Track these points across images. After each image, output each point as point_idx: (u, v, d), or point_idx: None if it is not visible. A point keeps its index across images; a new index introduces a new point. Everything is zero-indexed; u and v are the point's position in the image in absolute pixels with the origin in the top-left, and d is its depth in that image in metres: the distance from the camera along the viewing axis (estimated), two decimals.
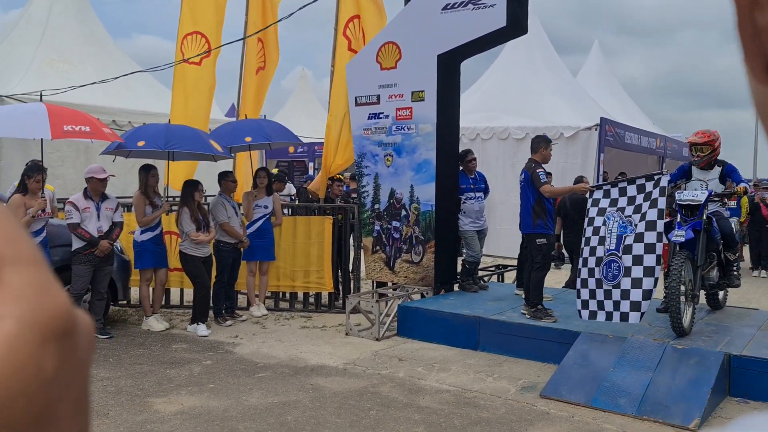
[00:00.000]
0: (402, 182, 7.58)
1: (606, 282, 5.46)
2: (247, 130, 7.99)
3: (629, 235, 5.43)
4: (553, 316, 6.15)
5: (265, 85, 9.80)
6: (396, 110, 7.54)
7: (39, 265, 0.30)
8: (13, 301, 0.28)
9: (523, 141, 12.95)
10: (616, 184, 5.85)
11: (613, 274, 5.43)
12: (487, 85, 14.90)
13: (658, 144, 15.66)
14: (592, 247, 5.66)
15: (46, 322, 0.28)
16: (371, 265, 7.89)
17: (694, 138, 6.22)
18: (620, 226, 5.51)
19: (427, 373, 5.56)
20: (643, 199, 5.47)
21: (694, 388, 4.68)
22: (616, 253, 5.46)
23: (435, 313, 6.65)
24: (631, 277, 5.33)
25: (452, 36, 7.10)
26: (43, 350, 0.28)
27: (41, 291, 0.29)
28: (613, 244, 5.50)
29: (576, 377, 5.06)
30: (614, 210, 5.60)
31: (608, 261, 5.49)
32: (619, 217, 5.54)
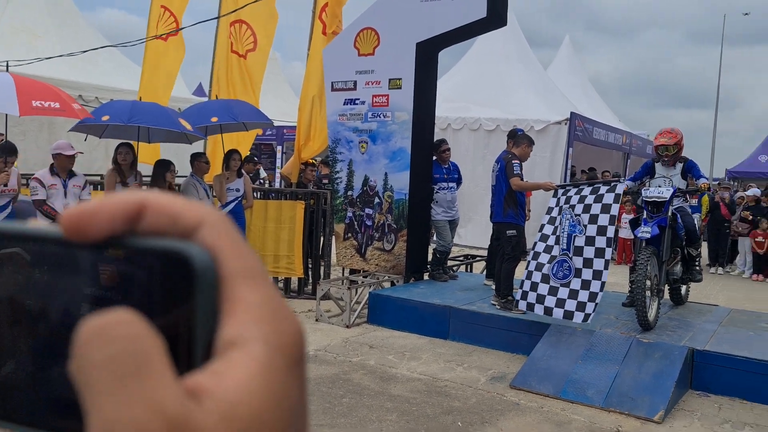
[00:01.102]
0: (376, 170, 7.56)
1: (554, 279, 5.61)
2: (214, 109, 7.85)
3: (579, 236, 5.57)
4: (522, 309, 6.22)
5: (258, 67, 9.65)
6: (372, 97, 7.50)
7: (268, 281, 0.28)
8: (254, 322, 0.26)
9: (494, 132, 13.05)
10: (578, 185, 5.99)
11: (563, 273, 5.58)
12: (459, 75, 14.93)
13: (624, 140, 15.94)
14: (548, 245, 5.81)
15: (290, 345, 0.27)
16: (342, 252, 7.87)
17: (663, 139, 6.33)
18: (570, 225, 5.65)
19: (398, 361, 5.59)
20: (593, 200, 5.60)
21: (659, 381, 4.80)
22: (568, 253, 5.61)
23: (406, 301, 6.67)
24: (581, 279, 5.49)
25: (432, 24, 7.08)
26: (291, 377, 0.26)
27: (278, 310, 0.27)
28: (564, 242, 5.65)
29: (545, 369, 5.13)
30: (567, 207, 5.74)
31: (560, 260, 5.64)
32: (569, 215, 5.68)
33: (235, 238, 0.28)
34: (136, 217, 0.28)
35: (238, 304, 0.26)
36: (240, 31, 9.37)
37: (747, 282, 11.23)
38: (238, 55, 9.40)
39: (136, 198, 0.28)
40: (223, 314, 0.27)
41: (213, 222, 0.28)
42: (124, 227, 0.28)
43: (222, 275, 0.27)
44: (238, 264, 0.27)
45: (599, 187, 5.75)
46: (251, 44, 9.48)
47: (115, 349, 0.24)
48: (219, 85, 9.14)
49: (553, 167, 12.45)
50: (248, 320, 0.26)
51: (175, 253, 0.27)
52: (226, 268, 0.27)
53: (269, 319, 0.27)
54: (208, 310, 0.27)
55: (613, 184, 5.73)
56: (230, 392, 0.24)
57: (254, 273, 0.28)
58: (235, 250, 0.27)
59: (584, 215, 5.60)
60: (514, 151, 6.54)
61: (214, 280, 0.27)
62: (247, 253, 0.28)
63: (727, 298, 9.21)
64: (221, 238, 0.27)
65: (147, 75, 8.85)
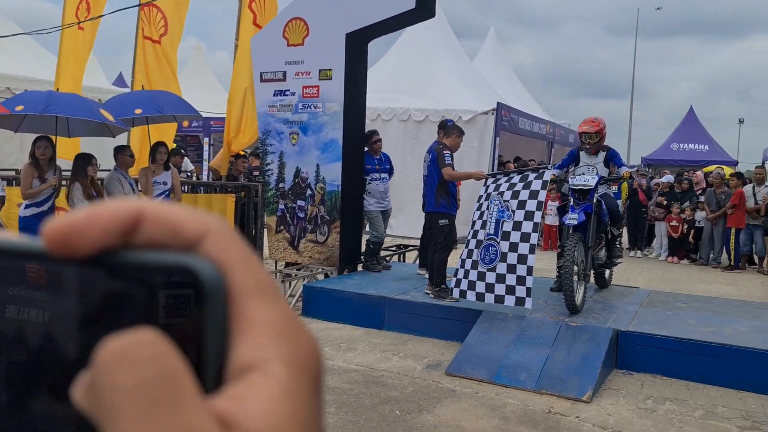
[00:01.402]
0: (308, 161, 7.50)
1: (482, 264, 5.71)
2: (138, 101, 7.58)
3: (507, 221, 5.69)
4: (456, 297, 6.33)
5: (173, 51, 9.35)
6: (303, 88, 7.43)
7: (281, 295, 0.27)
8: (271, 342, 0.25)
9: (424, 123, 13.18)
10: (508, 174, 6.12)
11: (490, 257, 5.68)
12: (388, 65, 14.97)
13: (548, 130, 16.42)
14: (476, 230, 5.93)
15: (309, 365, 0.25)
16: (275, 245, 7.79)
17: (585, 127, 6.57)
18: (499, 210, 5.77)
19: (335, 353, 5.58)
20: (522, 187, 5.74)
21: (587, 362, 5.00)
22: (495, 238, 5.72)
23: (340, 293, 6.67)
24: (507, 263, 5.60)
25: (361, 15, 7.06)
26: (312, 398, 0.25)
27: (294, 327, 0.26)
28: (492, 228, 5.76)
29: (479, 355, 5.25)
30: (496, 194, 5.86)
31: (487, 244, 5.74)
32: (498, 201, 5.80)
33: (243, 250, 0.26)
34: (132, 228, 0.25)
35: (252, 323, 0.25)
36: (151, 15, 9.07)
37: (663, 264, 11.81)
38: (151, 40, 9.10)
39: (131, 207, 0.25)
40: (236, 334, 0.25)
41: (218, 232, 0.26)
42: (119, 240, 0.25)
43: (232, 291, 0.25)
44: (249, 278, 0.25)
45: (528, 174, 5.90)
46: (162, 28, 9.20)
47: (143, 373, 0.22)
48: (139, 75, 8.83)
49: (481, 157, 12.69)
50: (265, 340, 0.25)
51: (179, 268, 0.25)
52: (235, 283, 0.25)
53: (287, 337, 0.25)
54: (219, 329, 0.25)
55: (541, 171, 5.89)
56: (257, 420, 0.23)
57: (266, 287, 0.26)
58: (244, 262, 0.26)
59: (513, 201, 5.72)
60: (445, 142, 6.63)
61: (223, 297, 0.25)
62: (256, 266, 0.26)
63: (646, 280, 9.66)
64: (228, 249, 0.25)
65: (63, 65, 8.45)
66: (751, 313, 6.29)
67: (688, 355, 5.16)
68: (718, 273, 10.88)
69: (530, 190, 5.70)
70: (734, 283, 9.91)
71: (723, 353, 5.07)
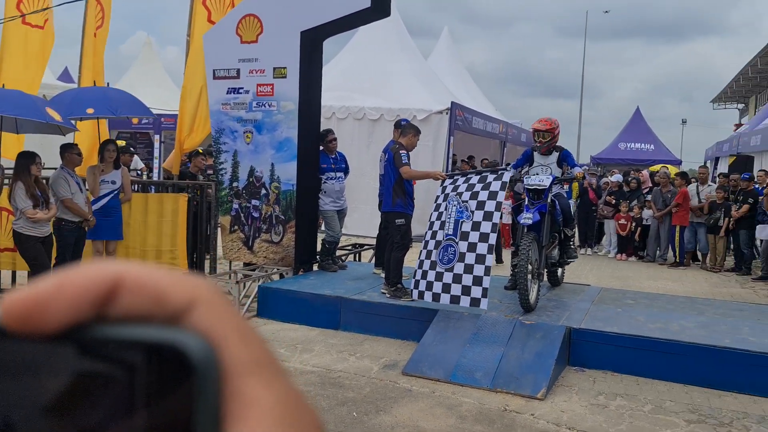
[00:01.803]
0: (262, 160, 7.41)
1: (440, 265, 5.69)
2: (90, 100, 7.35)
3: (466, 222, 5.68)
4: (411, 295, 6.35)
5: (102, 45, 9.10)
6: (257, 86, 7.33)
7: (282, 371, 0.24)
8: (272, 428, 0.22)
9: (378, 122, 13.18)
10: (466, 175, 6.12)
11: (448, 257, 5.66)
12: (342, 64, 14.92)
13: (501, 129, 16.63)
14: (434, 231, 5.90)
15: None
16: (229, 245, 7.67)
17: (537, 125, 6.69)
18: (458, 210, 5.76)
19: (291, 354, 5.53)
20: (481, 188, 5.75)
21: (541, 360, 5.08)
22: (454, 238, 5.70)
23: (296, 293, 6.61)
24: (464, 263, 5.58)
25: (316, 13, 7.01)
26: None
27: (297, 409, 0.23)
28: (451, 228, 5.75)
29: (435, 354, 5.28)
30: (454, 194, 5.86)
31: (445, 245, 5.73)
32: (457, 201, 5.80)
33: (238, 320, 0.24)
34: (108, 298, 0.22)
35: (249, 406, 0.22)
36: (96, 9, 8.81)
37: (612, 261, 12.11)
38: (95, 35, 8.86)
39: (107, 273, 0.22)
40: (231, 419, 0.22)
41: (208, 300, 0.23)
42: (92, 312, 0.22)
43: (225, 369, 0.22)
44: (245, 353, 0.23)
45: (486, 175, 5.91)
46: (100, 20, 8.96)
47: None
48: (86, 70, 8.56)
49: (436, 156, 12.77)
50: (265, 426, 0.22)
51: (163, 344, 0.22)
52: (230, 360, 0.22)
53: (289, 421, 0.22)
54: (211, 414, 0.22)
55: (501, 172, 5.90)
56: None
57: (265, 363, 0.23)
58: (239, 335, 0.23)
59: (471, 202, 5.72)
60: (401, 141, 6.63)
61: (215, 376, 0.22)
62: (254, 339, 0.23)
63: (596, 277, 9.88)
64: (221, 320, 0.23)
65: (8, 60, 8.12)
66: (696, 308, 6.50)
67: (638, 352, 5.30)
68: (664, 270, 11.21)
69: (489, 191, 5.71)
70: (680, 279, 10.23)
71: (670, 349, 5.23)
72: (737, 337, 5.38)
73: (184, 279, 0.23)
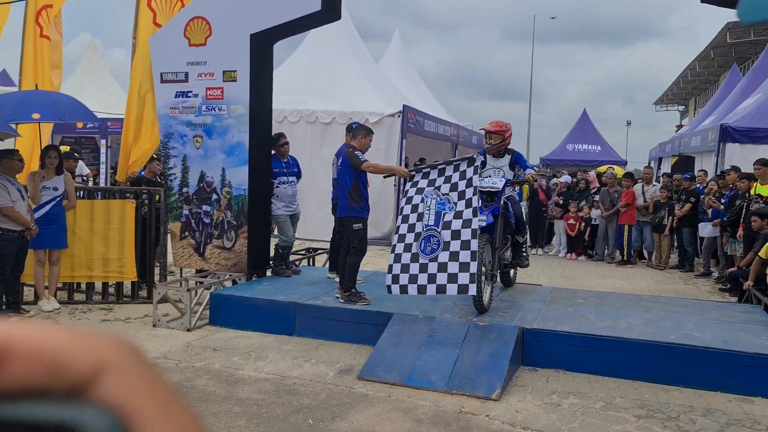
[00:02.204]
0: (213, 165, 7.28)
1: (423, 256, 5.58)
2: (36, 104, 7.09)
3: (448, 212, 5.60)
4: (367, 299, 6.34)
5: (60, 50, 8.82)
6: (206, 89, 7.20)
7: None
8: None
9: (331, 125, 13.13)
10: (435, 167, 6.00)
11: (431, 248, 5.57)
12: (294, 67, 14.81)
13: (453, 132, 16.77)
14: (411, 224, 5.76)
15: None
16: (179, 252, 7.51)
17: (488, 126, 6.77)
18: (438, 203, 5.68)
19: (244, 362, 5.45)
20: (459, 178, 5.71)
21: (495, 360, 5.13)
22: (435, 228, 5.60)
23: (249, 300, 6.52)
24: (449, 251, 5.50)
25: (266, 16, 6.93)
26: None
27: None
28: (431, 220, 5.65)
29: (391, 358, 5.28)
30: (432, 189, 5.79)
31: (427, 236, 5.62)
32: (436, 195, 5.72)
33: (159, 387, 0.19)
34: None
35: None
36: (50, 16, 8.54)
37: (563, 261, 12.35)
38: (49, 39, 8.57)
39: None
40: None
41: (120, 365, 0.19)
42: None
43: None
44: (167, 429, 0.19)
45: (459, 164, 5.81)
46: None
47: None
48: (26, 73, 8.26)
49: (388, 159, 12.78)
50: None
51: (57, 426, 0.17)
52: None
53: None
54: None
55: (471, 158, 5.82)
56: None
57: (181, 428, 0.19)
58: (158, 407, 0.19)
59: (453, 194, 5.65)
60: (353, 144, 6.60)
61: None
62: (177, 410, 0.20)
63: (547, 277, 10.06)
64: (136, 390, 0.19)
65: None
66: (643, 306, 6.68)
67: (588, 350, 5.41)
68: (612, 268, 11.50)
69: (466, 179, 5.65)
70: (627, 277, 10.50)
71: (619, 346, 5.36)
72: (682, 333, 5.55)
73: (91, 339, 0.19)
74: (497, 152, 6.80)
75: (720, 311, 6.56)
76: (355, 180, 6.41)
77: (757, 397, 4.88)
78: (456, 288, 5.46)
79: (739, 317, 6.26)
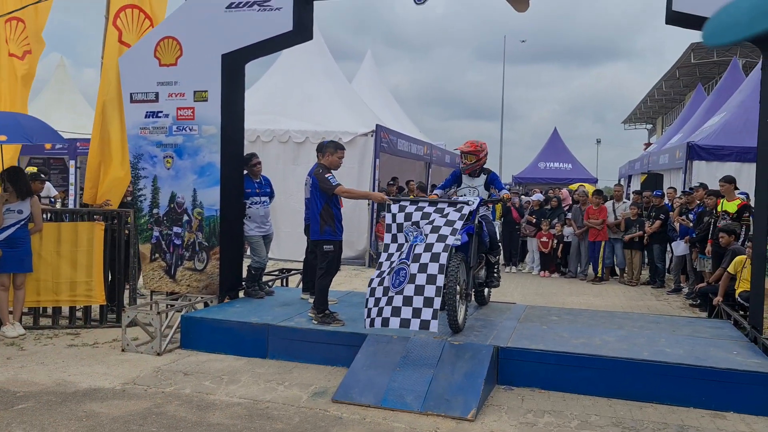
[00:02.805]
0: (184, 186, 7.19)
1: (392, 289, 5.45)
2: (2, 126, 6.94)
3: (419, 245, 5.52)
4: (340, 320, 6.27)
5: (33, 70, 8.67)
6: (177, 109, 7.13)
7: None
8: None
9: (304, 145, 13.11)
10: (416, 203, 5.84)
11: (399, 280, 5.44)
12: (266, 87, 14.80)
13: (426, 151, 16.86)
14: (392, 261, 5.62)
15: None
16: (150, 274, 7.37)
17: (463, 147, 6.82)
18: (414, 238, 5.61)
19: (216, 386, 5.34)
20: (438, 216, 5.61)
21: (470, 380, 5.10)
22: (406, 261, 5.49)
23: (221, 322, 6.41)
24: (415, 284, 5.33)
25: (238, 36, 6.91)
26: None
27: None
28: (405, 253, 5.56)
29: (365, 379, 5.21)
30: (410, 225, 5.68)
31: (398, 269, 5.53)
32: (415, 231, 5.65)
33: None
34: None
35: None
36: (17, 30, 8.40)
37: (536, 278, 12.42)
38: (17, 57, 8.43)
39: None
40: None
41: None
42: None
43: None
44: None
45: (444, 207, 5.69)
46: (28, 45, 8.56)
47: None
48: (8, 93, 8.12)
49: (362, 178, 12.80)
50: None
51: None
52: None
53: None
54: None
55: (460, 206, 5.65)
56: None
57: None
58: None
59: (427, 226, 5.57)
60: (323, 162, 6.54)
61: None
62: None
63: (521, 294, 10.09)
64: None
65: None
66: (616, 323, 6.72)
67: (563, 368, 5.41)
68: (585, 285, 11.58)
69: (447, 219, 5.55)
70: (600, 294, 10.58)
71: (593, 364, 5.36)
72: (654, 349, 5.58)
73: None
74: (472, 171, 6.83)
75: (691, 327, 6.63)
76: (326, 202, 6.34)
77: (729, 412, 4.91)
78: (419, 323, 5.22)
79: (710, 332, 6.33)
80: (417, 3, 6.45)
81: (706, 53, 30.76)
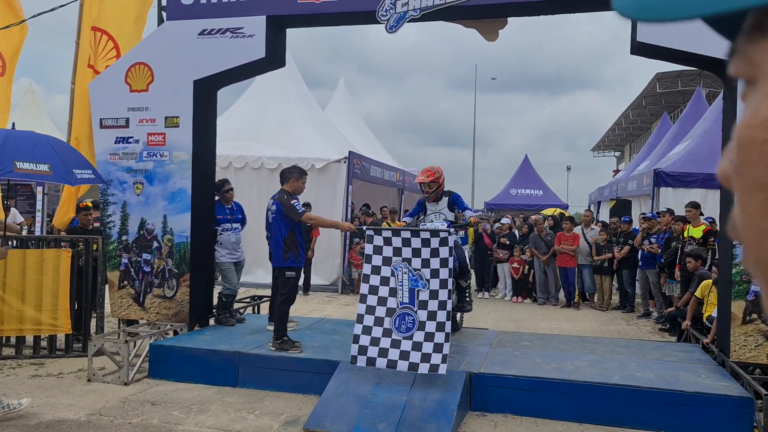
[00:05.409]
0: (154, 212, 7.11)
1: (397, 333, 5.45)
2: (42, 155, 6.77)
3: (422, 290, 5.50)
4: (299, 347, 6.18)
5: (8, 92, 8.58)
6: (147, 135, 7.08)
7: None
8: None
9: (276, 171, 13.03)
10: (398, 233, 5.69)
11: (407, 326, 5.45)
12: (239, 113, 14.79)
13: (398, 177, 16.94)
14: (382, 297, 5.58)
15: None
16: (118, 302, 7.24)
17: (422, 178, 6.85)
18: (411, 279, 5.54)
19: (185, 416, 5.23)
20: (430, 254, 5.54)
21: (443, 407, 5.07)
22: (411, 307, 5.48)
23: (190, 350, 6.31)
24: (425, 331, 5.40)
25: (210, 62, 6.92)
26: None
27: None
28: (406, 297, 5.52)
29: (337, 407, 5.15)
30: (400, 260, 5.59)
31: (402, 313, 5.49)
32: (407, 269, 5.56)
33: None
34: None
35: None
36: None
37: (509, 304, 12.46)
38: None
39: None
40: None
41: None
42: None
43: None
44: None
45: (429, 239, 5.57)
46: (1, 67, 8.48)
47: None
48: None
49: (335, 204, 12.80)
50: None
51: None
52: None
53: None
54: None
55: (443, 237, 5.58)
56: None
57: None
58: None
59: (425, 270, 5.53)
60: (287, 188, 6.49)
61: None
62: None
63: (493, 320, 10.11)
64: None
65: None
66: (588, 347, 6.76)
67: (535, 393, 5.42)
68: (557, 310, 11.65)
69: (440, 258, 5.51)
70: (571, 319, 10.65)
71: (565, 389, 5.38)
72: (625, 374, 5.63)
73: None
74: (435, 198, 6.89)
75: (660, 351, 6.70)
76: (291, 229, 6.28)
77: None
78: (428, 367, 5.28)
79: (679, 356, 6.41)
80: (389, 31, 6.54)
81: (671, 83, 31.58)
